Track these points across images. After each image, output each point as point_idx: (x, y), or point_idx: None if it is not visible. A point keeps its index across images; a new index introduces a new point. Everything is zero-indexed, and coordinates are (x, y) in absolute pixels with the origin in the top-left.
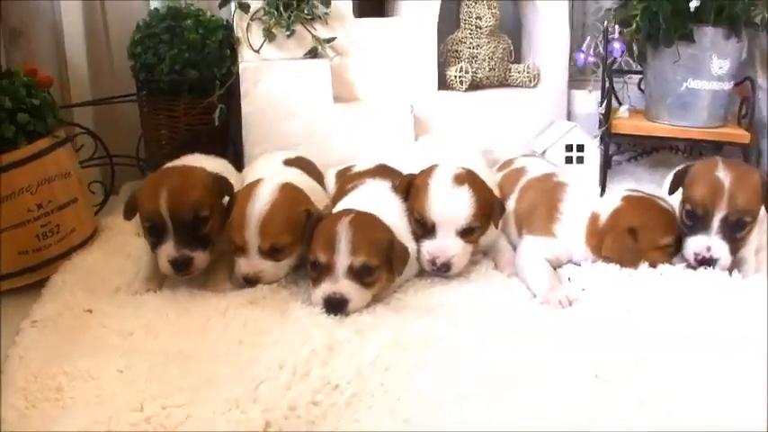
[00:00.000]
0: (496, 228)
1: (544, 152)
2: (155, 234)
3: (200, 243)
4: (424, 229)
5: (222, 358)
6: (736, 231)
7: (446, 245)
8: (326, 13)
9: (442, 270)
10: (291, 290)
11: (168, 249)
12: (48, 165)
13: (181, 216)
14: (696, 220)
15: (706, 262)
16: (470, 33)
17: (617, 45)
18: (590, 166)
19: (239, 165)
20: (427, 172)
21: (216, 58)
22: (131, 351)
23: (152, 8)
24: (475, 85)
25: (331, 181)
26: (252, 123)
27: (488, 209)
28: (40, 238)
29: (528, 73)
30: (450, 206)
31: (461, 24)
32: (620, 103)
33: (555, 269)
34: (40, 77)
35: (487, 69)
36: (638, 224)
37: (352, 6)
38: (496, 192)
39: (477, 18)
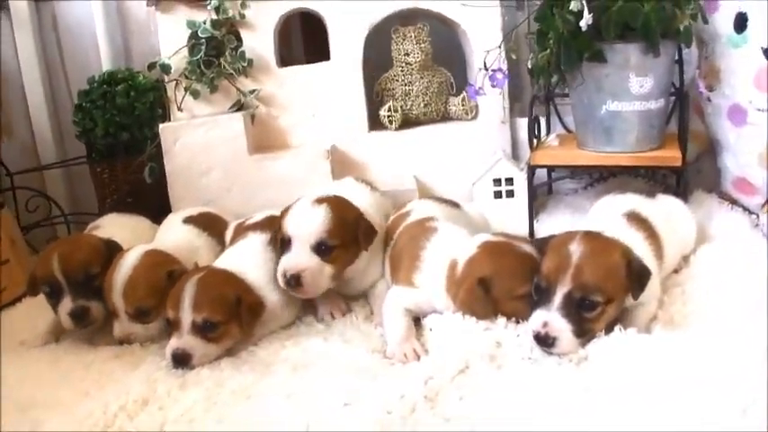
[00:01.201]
0: (365, 249)
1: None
2: (53, 296)
3: (95, 295)
4: (283, 247)
5: (60, 408)
6: (583, 310)
7: (297, 259)
8: (245, 67)
9: (292, 285)
10: (164, 345)
11: (66, 304)
12: None
13: (72, 275)
14: (541, 293)
15: (542, 341)
16: (401, 70)
17: (499, 76)
18: (521, 199)
19: None
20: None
21: (146, 120)
22: None
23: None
24: (412, 122)
25: (229, 234)
26: (174, 180)
27: (349, 229)
28: None
29: (464, 105)
30: (304, 219)
31: (394, 62)
32: (567, 130)
33: (420, 318)
34: None
35: (422, 105)
36: (490, 273)
37: (275, 56)
38: (377, 224)
39: (405, 55)
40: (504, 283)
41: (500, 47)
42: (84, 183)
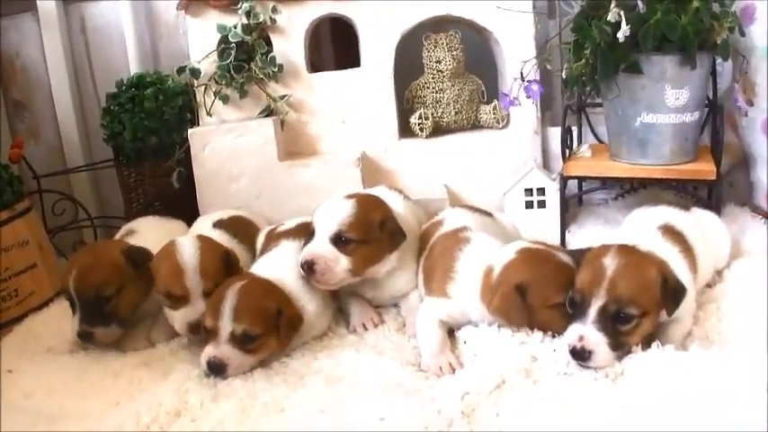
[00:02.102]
0: (389, 252)
1: (504, 195)
2: (71, 306)
3: (103, 319)
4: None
5: (90, 419)
6: (618, 324)
7: (314, 247)
8: (275, 72)
9: (305, 270)
10: (193, 351)
11: (74, 323)
12: (4, 236)
13: (83, 295)
14: (575, 307)
15: (578, 355)
16: (433, 78)
17: (534, 87)
18: (552, 210)
19: None
20: None
21: (175, 124)
22: (25, 410)
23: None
24: (442, 130)
25: (260, 241)
26: (203, 185)
27: (372, 227)
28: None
29: (495, 114)
30: (327, 211)
31: (425, 69)
32: (599, 140)
33: (455, 330)
34: (10, 153)
35: (453, 113)
36: (527, 280)
37: (306, 62)
38: (411, 232)
39: (436, 62)
40: (540, 291)
41: (536, 58)
42: (110, 186)
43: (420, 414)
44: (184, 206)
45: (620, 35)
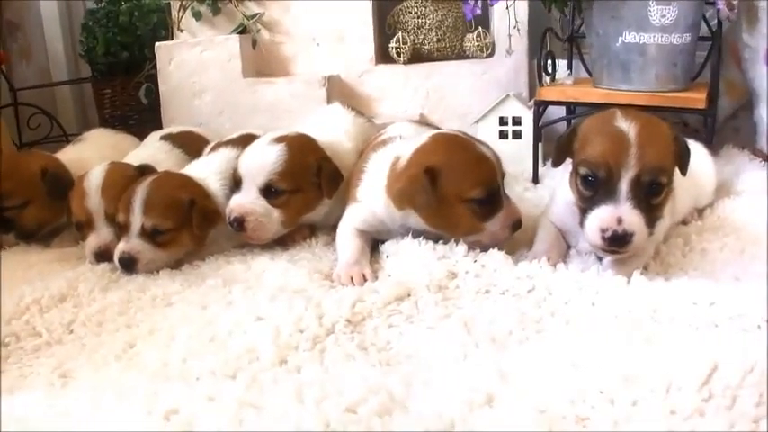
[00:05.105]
0: (328, 197)
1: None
2: None
3: (2, 225)
4: (235, 186)
5: None
6: (651, 196)
7: (243, 200)
8: None
9: (235, 227)
10: None
11: None
12: None
13: None
14: (597, 186)
15: (618, 240)
16: (415, 2)
17: None
18: (528, 141)
19: None
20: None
21: (148, 41)
22: None
23: None
24: (424, 57)
25: (206, 152)
26: (168, 100)
27: (307, 174)
28: None
29: (479, 42)
30: (254, 159)
31: None
32: (589, 72)
33: (379, 243)
34: None
35: (435, 40)
36: (439, 164)
37: None
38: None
39: None
40: (455, 180)
41: None
42: (92, 104)
43: (299, 316)
44: (156, 123)
45: None
